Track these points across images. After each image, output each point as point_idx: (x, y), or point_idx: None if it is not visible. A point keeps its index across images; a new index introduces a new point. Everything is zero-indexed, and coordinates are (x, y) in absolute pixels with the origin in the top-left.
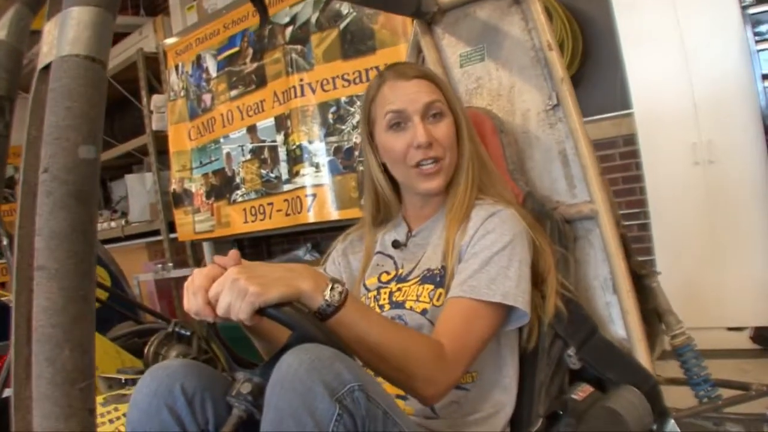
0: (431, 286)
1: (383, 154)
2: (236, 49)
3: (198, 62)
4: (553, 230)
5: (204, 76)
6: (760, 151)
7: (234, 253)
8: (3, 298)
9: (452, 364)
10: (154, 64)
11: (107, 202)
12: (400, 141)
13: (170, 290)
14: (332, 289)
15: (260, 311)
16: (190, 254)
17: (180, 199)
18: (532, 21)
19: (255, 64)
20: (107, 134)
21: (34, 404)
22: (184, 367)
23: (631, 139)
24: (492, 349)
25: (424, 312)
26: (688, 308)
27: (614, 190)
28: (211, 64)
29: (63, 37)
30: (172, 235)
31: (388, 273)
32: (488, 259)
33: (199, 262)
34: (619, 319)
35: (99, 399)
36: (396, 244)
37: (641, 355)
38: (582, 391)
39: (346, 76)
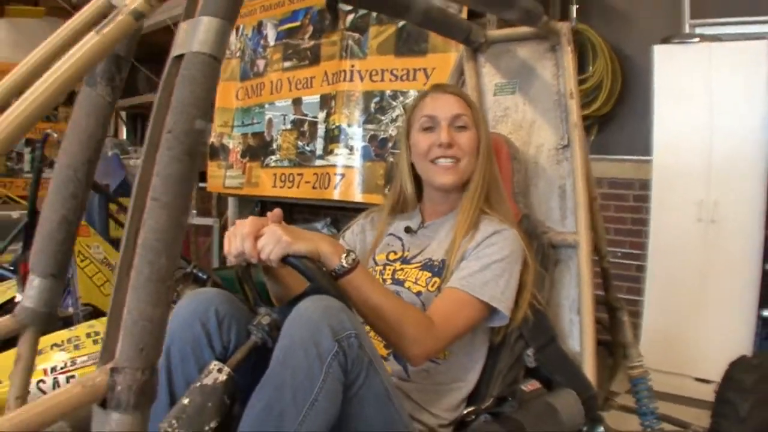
0: (429, 274)
1: (413, 152)
2: (297, 23)
3: (259, 28)
4: (539, 250)
5: (262, 42)
6: (759, 218)
7: (278, 210)
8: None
9: (436, 337)
10: None
11: (142, 140)
12: (427, 140)
13: (189, 235)
14: (347, 256)
15: (287, 260)
16: (214, 205)
17: (216, 152)
18: (563, 68)
19: (312, 42)
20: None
21: (130, 292)
22: (219, 294)
23: (646, 184)
24: (467, 337)
25: (418, 294)
26: (664, 352)
27: (621, 229)
28: (271, 33)
29: (195, 37)
30: (201, 185)
31: (395, 253)
32: (487, 265)
33: (221, 215)
34: (577, 335)
35: None
36: (408, 230)
37: (589, 369)
38: (531, 385)
39: (395, 71)
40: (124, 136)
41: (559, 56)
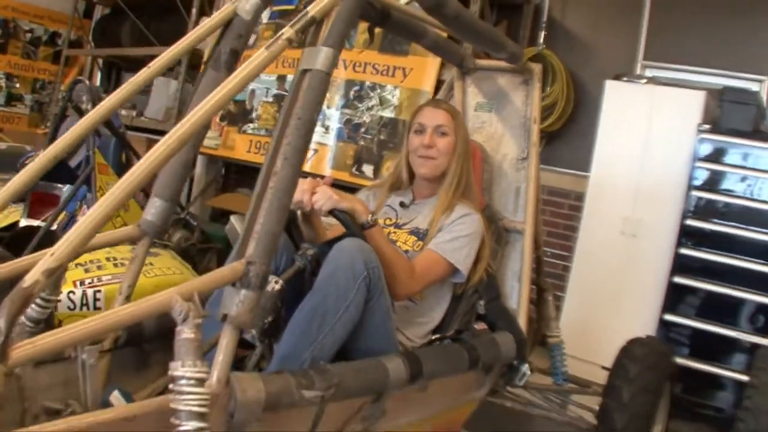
0: (415, 238)
1: (408, 147)
2: (292, 7)
3: None
4: (495, 232)
5: None
6: (673, 238)
7: (329, 177)
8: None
9: (415, 281)
10: None
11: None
12: (417, 140)
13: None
14: (371, 216)
15: (333, 212)
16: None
17: None
18: (531, 99)
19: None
20: (147, 28)
21: (261, 214)
22: None
23: (581, 197)
24: (437, 287)
25: (406, 252)
26: (578, 342)
27: (554, 232)
28: (264, 12)
29: (318, 60)
30: None
31: (390, 219)
32: (456, 237)
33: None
34: (516, 298)
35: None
36: (402, 204)
37: (522, 321)
38: (480, 326)
39: (376, 66)
40: (98, 83)
41: (529, 89)
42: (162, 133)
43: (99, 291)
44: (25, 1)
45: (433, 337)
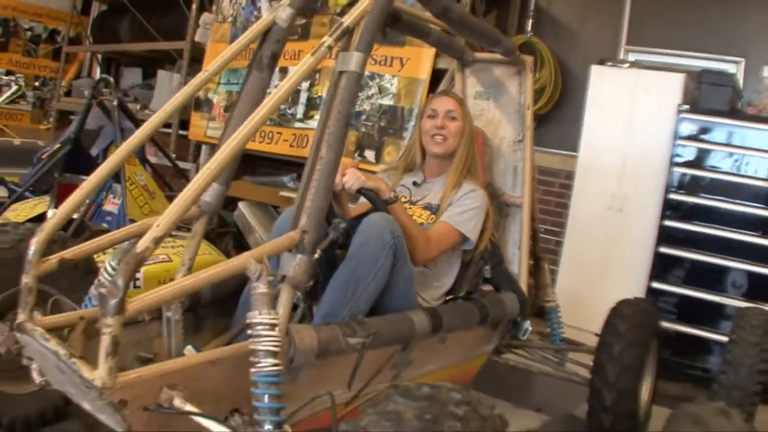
0: (428, 212)
1: (422, 130)
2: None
3: (253, 0)
4: (497, 206)
5: (255, 13)
6: (657, 212)
7: (356, 161)
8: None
9: (431, 249)
10: None
11: (116, 84)
12: (430, 123)
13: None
14: (393, 193)
15: (361, 190)
16: (191, 152)
17: (200, 104)
18: (524, 87)
19: (304, 20)
20: (146, 24)
21: (311, 192)
22: None
23: (570, 175)
24: (448, 254)
25: (421, 224)
26: (572, 311)
27: (546, 209)
28: (264, 5)
29: (351, 62)
30: (182, 132)
31: (405, 197)
32: (465, 210)
33: (195, 160)
34: (517, 263)
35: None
36: (415, 183)
37: (523, 284)
38: (487, 288)
39: (375, 56)
40: (97, 77)
41: (522, 79)
42: (167, 125)
43: (138, 272)
44: (25, 0)
45: (447, 298)
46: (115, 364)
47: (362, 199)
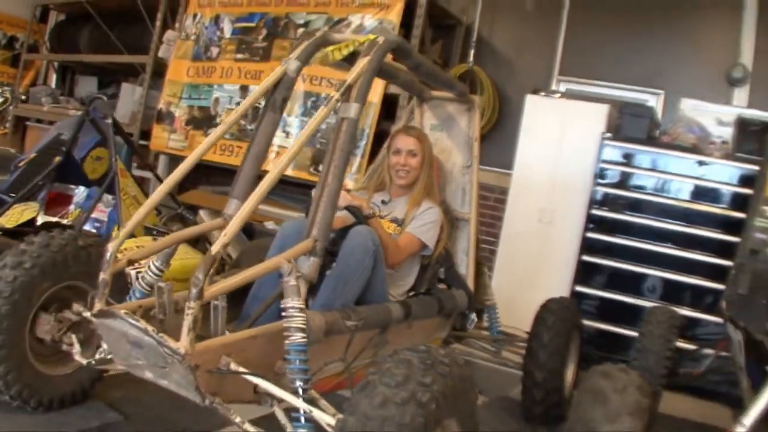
0: (395, 225)
1: (389, 164)
2: (252, 24)
3: (216, 20)
4: (449, 220)
5: (218, 33)
6: (581, 225)
7: (344, 184)
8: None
9: (399, 254)
10: (175, 3)
11: (70, 92)
12: (394, 159)
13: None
14: (371, 210)
15: (347, 208)
16: (150, 161)
17: (162, 117)
18: (473, 122)
19: (265, 43)
20: (108, 36)
21: (321, 205)
22: (303, 221)
23: (505, 191)
24: (410, 259)
25: (390, 234)
26: (504, 311)
27: (482, 221)
28: (227, 27)
29: (351, 111)
30: (143, 142)
31: (376, 212)
32: (424, 224)
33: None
34: (465, 267)
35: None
36: (383, 201)
37: (470, 283)
38: (442, 286)
39: (332, 80)
40: (53, 84)
41: (471, 115)
42: (130, 134)
43: (140, 272)
44: None
45: (410, 294)
46: (194, 337)
47: (344, 212)
